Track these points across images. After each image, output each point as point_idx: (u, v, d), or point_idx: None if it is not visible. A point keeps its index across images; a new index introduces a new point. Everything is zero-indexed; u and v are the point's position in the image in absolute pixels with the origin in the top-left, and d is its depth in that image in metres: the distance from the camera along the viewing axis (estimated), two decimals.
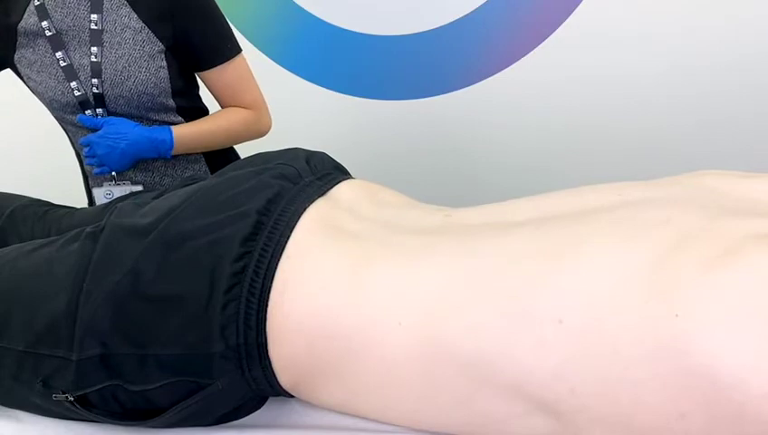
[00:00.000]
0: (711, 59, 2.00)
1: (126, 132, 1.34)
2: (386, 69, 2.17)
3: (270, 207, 0.86)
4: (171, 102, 1.42)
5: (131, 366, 0.82)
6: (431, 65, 2.14)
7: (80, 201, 1.36)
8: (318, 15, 2.12)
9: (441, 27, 2.11)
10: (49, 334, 0.84)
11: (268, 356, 0.81)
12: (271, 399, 0.89)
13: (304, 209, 0.88)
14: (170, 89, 1.41)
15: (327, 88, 2.19)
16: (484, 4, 2.07)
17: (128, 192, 1.41)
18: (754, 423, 0.62)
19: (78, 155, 1.54)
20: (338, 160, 1.07)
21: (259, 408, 0.88)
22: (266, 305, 0.80)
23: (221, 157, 1.52)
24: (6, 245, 1.07)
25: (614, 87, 2.06)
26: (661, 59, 2.00)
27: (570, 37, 2.04)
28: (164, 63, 1.38)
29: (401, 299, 0.77)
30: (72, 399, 0.83)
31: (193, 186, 0.96)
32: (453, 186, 2.13)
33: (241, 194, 0.88)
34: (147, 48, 1.36)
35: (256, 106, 1.48)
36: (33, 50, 1.37)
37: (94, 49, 1.35)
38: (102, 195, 1.45)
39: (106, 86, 1.36)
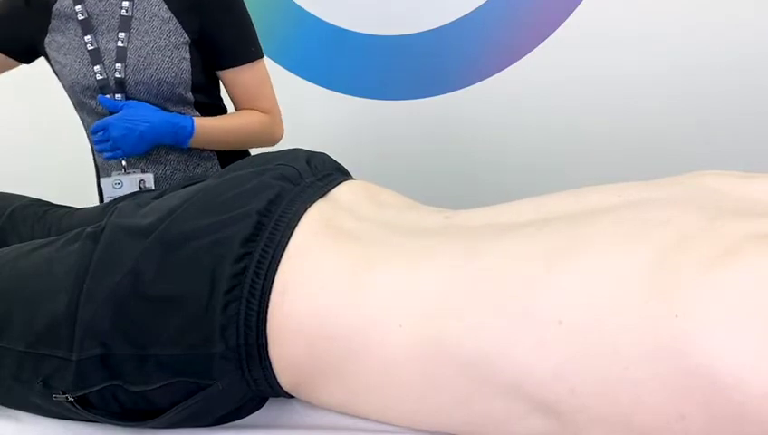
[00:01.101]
0: (711, 59, 2.00)
1: (147, 115, 1.35)
2: (386, 69, 2.17)
3: (271, 208, 0.86)
4: (190, 96, 1.43)
5: (131, 366, 0.82)
6: (431, 65, 2.14)
7: (80, 201, 1.35)
8: (318, 15, 2.12)
9: (441, 27, 2.11)
10: (49, 334, 0.84)
11: (268, 357, 0.81)
12: (271, 399, 0.89)
13: (305, 210, 0.88)
14: (190, 81, 1.42)
15: (327, 88, 2.19)
16: (484, 4, 2.07)
17: (137, 182, 1.42)
18: (754, 423, 0.62)
19: (92, 147, 1.54)
20: (338, 161, 1.07)
21: (259, 408, 0.88)
22: (267, 306, 0.80)
23: (234, 156, 1.51)
24: (6, 245, 1.07)
25: (614, 87, 2.06)
26: (661, 59, 2.00)
27: (570, 37, 2.04)
28: (187, 56, 1.40)
29: (401, 300, 0.77)
30: (72, 399, 0.83)
31: (194, 186, 0.96)
32: (453, 186, 2.13)
33: (242, 195, 0.88)
34: (172, 38, 1.39)
35: (272, 113, 1.50)
36: (64, 33, 1.41)
37: (122, 34, 1.38)
38: (111, 184, 1.44)
39: (128, 71, 1.38)
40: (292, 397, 0.87)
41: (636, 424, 0.67)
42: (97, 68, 1.39)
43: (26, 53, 1.48)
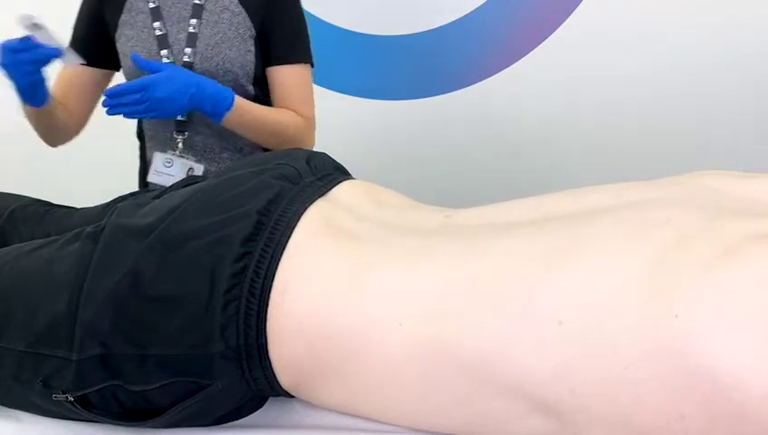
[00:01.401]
0: (711, 59, 2.00)
1: (193, 78, 1.32)
2: (386, 69, 2.17)
3: (270, 208, 0.86)
4: (251, 89, 1.45)
5: (131, 366, 0.82)
6: (431, 65, 2.14)
7: (80, 201, 1.35)
8: (318, 15, 2.12)
9: (441, 27, 2.11)
10: (49, 334, 0.84)
11: (268, 356, 0.81)
12: (271, 399, 0.89)
13: (305, 210, 0.88)
14: (253, 74, 1.45)
15: (327, 88, 2.19)
16: (484, 4, 2.07)
17: (186, 168, 1.42)
18: (755, 423, 0.62)
19: (139, 134, 1.56)
20: (338, 160, 1.07)
21: (259, 408, 0.88)
22: (267, 306, 0.80)
23: None
24: (6, 245, 1.07)
25: (614, 87, 2.06)
26: (661, 59, 2.01)
27: (570, 37, 2.04)
28: (252, 48, 1.44)
29: (401, 300, 0.77)
30: (72, 399, 0.83)
31: (193, 186, 0.96)
32: (453, 186, 2.13)
33: (241, 194, 0.88)
34: (240, 30, 1.42)
35: (308, 120, 1.49)
36: (132, 25, 1.44)
37: (193, 21, 1.42)
38: (162, 161, 1.44)
39: (197, 57, 1.40)
40: (292, 397, 0.87)
41: (636, 424, 0.67)
42: (164, 52, 1.41)
43: (112, 57, 1.48)
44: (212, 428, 0.87)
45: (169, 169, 1.43)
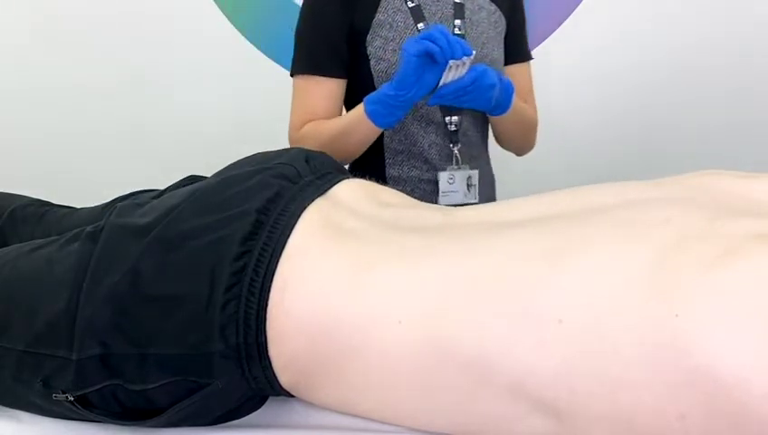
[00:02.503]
0: (711, 59, 2.00)
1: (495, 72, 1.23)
2: None
3: (270, 207, 0.86)
4: None
5: (131, 366, 0.82)
6: None
7: (80, 201, 1.35)
8: None
9: None
10: (49, 334, 0.84)
11: (268, 356, 0.81)
12: (271, 399, 0.89)
13: (304, 209, 0.88)
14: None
15: None
16: None
17: (466, 178, 1.36)
18: (755, 423, 0.62)
19: (374, 148, 1.37)
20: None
21: (259, 408, 0.88)
22: (266, 305, 0.80)
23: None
24: (6, 245, 1.07)
25: (615, 86, 2.06)
26: (662, 59, 2.01)
27: (570, 37, 2.04)
28: (503, 47, 1.40)
29: (401, 299, 0.77)
30: (72, 399, 0.83)
31: (192, 185, 0.96)
32: None
33: (240, 193, 0.88)
34: (499, 29, 1.39)
35: (536, 117, 1.47)
36: (391, 26, 1.32)
37: (458, 22, 1.34)
38: (446, 179, 1.34)
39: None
40: (291, 396, 0.87)
41: (636, 424, 0.67)
42: None
43: (352, 64, 1.35)
44: (212, 427, 0.87)
45: (452, 185, 1.34)
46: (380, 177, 1.38)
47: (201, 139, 2.12)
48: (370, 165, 1.38)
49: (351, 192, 0.95)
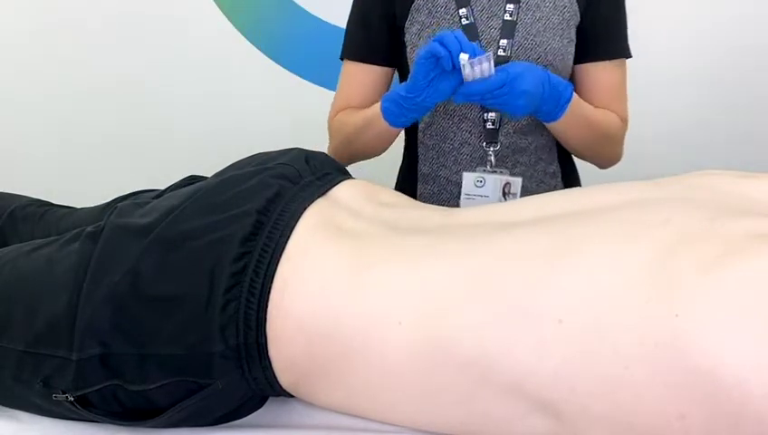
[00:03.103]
0: (712, 58, 2.00)
1: (538, 70, 1.09)
2: None
3: (270, 207, 0.87)
4: None
5: (131, 366, 0.82)
6: None
7: (80, 201, 1.35)
8: (318, 15, 2.11)
9: None
10: (49, 334, 0.84)
11: (268, 356, 0.81)
12: (271, 399, 0.89)
13: (304, 209, 0.88)
14: (571, 69, 1.23)
15: (327, 88, 2.19)
16: None
17: (502, 185, 1.20)
18: (755, 423, 0.62)
19: (408, 145, 1.34)
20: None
21: (259, 408, 0.88)
22: (266, 305, 0.80)
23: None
24: (6, 245, 1.07)
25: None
26: (661, 59, 2.00)
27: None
28: (573, 38, 1.22)
29: (401, 299, 0.77)
30: (72, 399, 0.83)
31: (193, 185, 0.96)
32: None
33: (241, 194, 0.88)
34: (566, 15, 1.20)
35: (625, 122, 1.27)
36: (430, 11, 1.23)
37: (510, 6, 1.20)
38: (473, 181, 1.21)
39: (514, 49, 1.19)
40: (292, 396, 0.87)
41: (636, 424, 0.67)
42: None
43: (397, 52, 1.27)
44: (212, 428, 0.87)
45: (481, 188, 1.20)
46: (413, 173, 1.32)
47: (201, 139, 2.12)
48: (405, 160, 1.34)
49: (351, 193, 0.95)
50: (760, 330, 0.62)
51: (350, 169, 1.09)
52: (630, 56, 1.28)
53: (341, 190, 0.95)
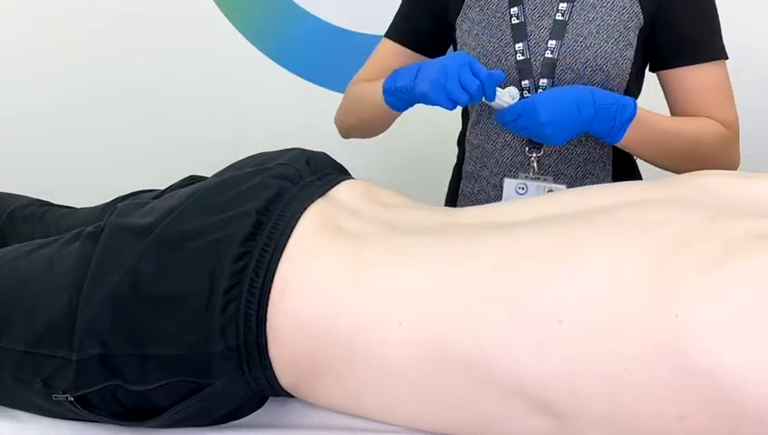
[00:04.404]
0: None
1: (581, 91, 1.04)
2: None
3: (270, 208, 0.87)
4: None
5: (131, 366, 0.82)
6: None
7: (80, 201, 1.35)
8: (318, 15, 2.11)
9: None
10: (49, 334, 0.84)
11: (268, 356, 0.81)
12: (271, 399, 0.89)
13: (304, 209, 0.88)
14: (629, 76, 1.14)
15: (327, 88, 2.19)
16: None
17: (545, 192, 1.16)
18: (755, 423, 0.62)
19: (461, 140, 1.32)
20: (338, 161, 1.07)
21: (259, 408, 0.88)
22: (266, 306, 0.80)
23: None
24: (6, 245, 1.07)
25: None
26: None
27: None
28: (634, 42, 1.13)
29: (401, 299, 0.77)
30: (73, 399, 0.83)
31: (193, 185, 0.96)
32: None
33: (241, 194, 0.88)
34: (624, 16, 1.12)
35: (732, 128, 1.16)
36: (481, 8, 1.19)
37: (563, 6, 1.14)
38: (515, 187, 1.17)
39: (563, 51, 1.13)
40: (292, 396, 0.87)
41: (636, 424, 0.67)
42: (519, 46, 1.13)
43: (438, 44, 1.25)
44: (212, 428, 0.87)
45: (524, 194, 1.17)
46: (460, 170, 1.30)
47: (201, 139, 2.12)
48: (458, 157, 1.32)
49: (351, 193, 0.95)
50: (760, 330, 0.62)
51: (349, 169, 1.08)
52: (723, 57, 1.16)
53: (342, 190, 0.95)
